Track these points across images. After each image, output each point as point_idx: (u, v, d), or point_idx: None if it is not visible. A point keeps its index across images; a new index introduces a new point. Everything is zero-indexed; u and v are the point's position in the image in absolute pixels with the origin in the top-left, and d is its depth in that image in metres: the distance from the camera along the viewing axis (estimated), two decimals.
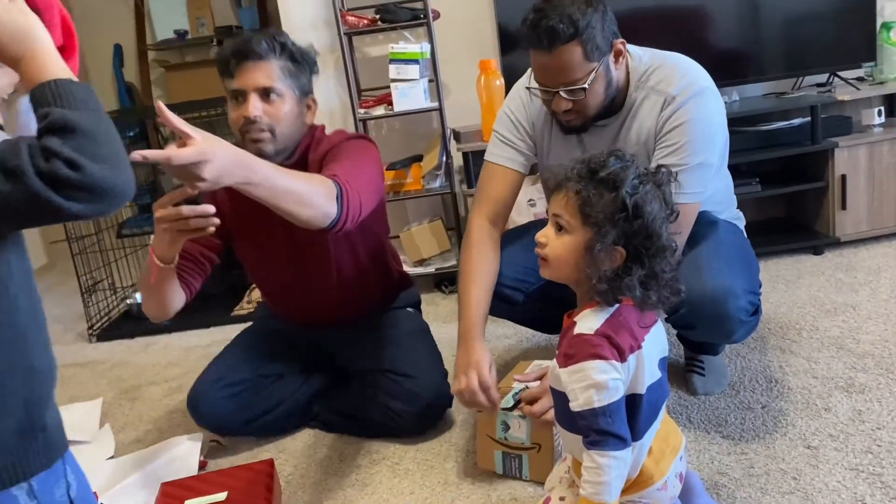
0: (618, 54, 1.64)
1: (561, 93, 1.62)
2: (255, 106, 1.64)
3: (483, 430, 1.64)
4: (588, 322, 1.18)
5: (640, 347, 1.18)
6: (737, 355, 2.07)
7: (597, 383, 1.13)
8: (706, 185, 1.66)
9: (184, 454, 1.87)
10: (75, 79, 0.90)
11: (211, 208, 1.46)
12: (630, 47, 1.71)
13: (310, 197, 1.44)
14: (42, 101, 0.87)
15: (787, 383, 1.89)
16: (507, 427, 1.60)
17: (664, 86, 1.66)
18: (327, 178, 1.51)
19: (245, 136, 1.67)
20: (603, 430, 1.14)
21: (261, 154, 1.60)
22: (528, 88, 1.74)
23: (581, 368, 1.15)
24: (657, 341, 1.26)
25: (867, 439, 1.61)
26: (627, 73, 1.70)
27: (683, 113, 1.63)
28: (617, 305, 1.20)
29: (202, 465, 1.86)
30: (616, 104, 1.70)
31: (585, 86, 1.59)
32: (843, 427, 1.66)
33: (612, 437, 1.13)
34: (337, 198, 1.49)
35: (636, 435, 1.19)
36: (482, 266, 1.75)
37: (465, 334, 1.65)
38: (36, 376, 0.92)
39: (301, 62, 1.70)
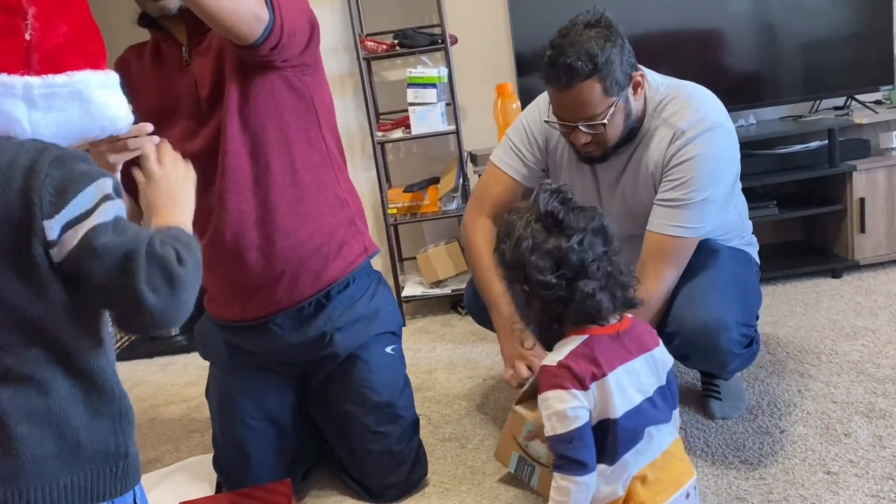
0: (636, 86, 1.64)
1: (581, 127, 1.62)
2: None
3: (510, 429, 1.63)
4: (555, 354, 1.25)
5: (603, 376, 1.21)
6: (755, 379, 2.06)
7: (557, 412, 1.21)
8: (707, 220, 1.66)
9: (201, 474, 1.89)
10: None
11: (149, 126, 1.27)
12: (649, 74, 1.71)
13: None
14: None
15: (805, 408, 1.88)
16: (533, 436, 1.59)
17: (676, 119, 1.65)
18: None
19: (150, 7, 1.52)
20: (564, 456, 1.21)
21: (165, 10, 1.50)
22: (546, 122, 1.74)
23: (545, 398, 1.22)
24: (646, 369, 1.28)
25: (888, 465, 1.59)
26: (645, 102, 1.70)
27: (691, 149, 1.62)
28: (586, 336, 1.25)
29: (219, 486, 1.87)
30: (636, 129, 1.71)
31: (605, 121, 1.59)
32: (864, 453, 1.65)
33: (573, 463, 1.20)
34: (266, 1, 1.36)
35: (611, 459, 1.23)
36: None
37: (507, 327, 1.70)
38: (124, 410, 0.99)
39: None
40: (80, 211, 0.88)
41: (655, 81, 1.71)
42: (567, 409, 1.19)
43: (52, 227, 0.87)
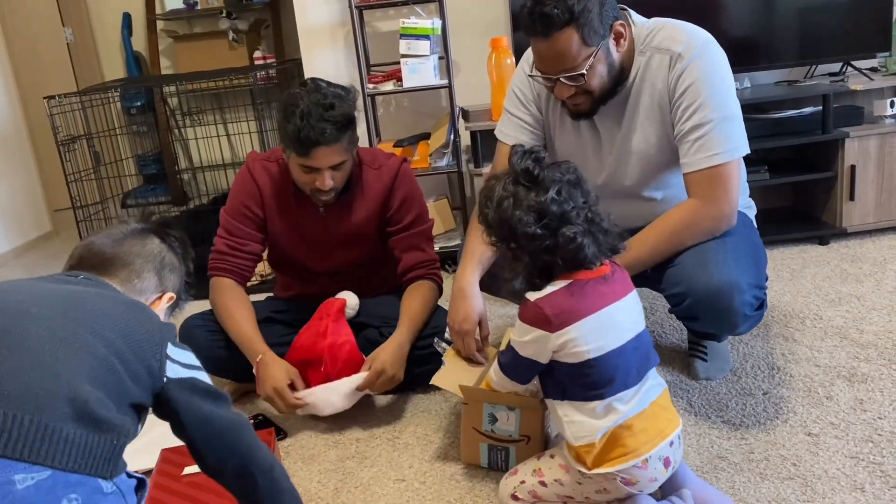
0: (618, 36, 1.64)
1: (562, 79, 1.62)
2: (329, 179, 1.84)
3: (468, 423, 1.57)
4: (537, 293, 1.30)
5: (582, 317, 1.27)
6: (739, 342, 2.07)
7: (519, 342, 1.34)
8: (737, 137, 1.64)
9: None
10: None
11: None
12: (635, 16, 1.72)
13: (433, 310, 1.98)
14: None
15: (789, 371, 1.89)
16: (494, 419, 1.54)
17: (668, 43, 1.67)
18: (427, 276, 1.99)
19: (313, 193, 1.89)
20: (506, 364, 1.41)
21: (325, 205, 1.94)
22: (530, 76, 1.74)
23: (519, 325, 1.34)
24: (634, 305, 1.34)
25: (868, 428, 1.61)
26: (632, 48, 1.69)
27: (693, 70, 1.63)
28: (570, 281, 1.29)
29: None
30: (622, 79, 1.70)
31: (584, 71, 1.59)
32: (845, 415, 1.66)
33: (506, 370, 1.42)
34: (438, 288, 2.02)
35: (585, 395, 1.29)
36: None
37: (459, 282, 1.70)
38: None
39: (354, 121, 1.85)
40: None
41: (640, 21, 1.73)
42: (526, 340, 1.31)
43: None
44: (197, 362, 1.15)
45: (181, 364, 1.11)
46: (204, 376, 1.14)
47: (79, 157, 3.16)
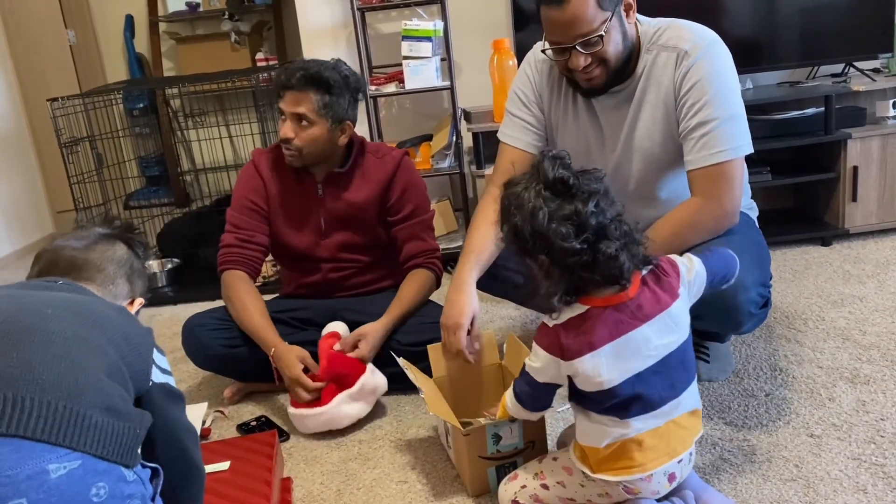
0: (628, 7, 1.65)
1: (577, 47, 1.60)
2: (288, 128, 1.96)
3: (472, 454, 1.51)
4: (559, 318, 1.26)
5: (591, 350, 1.22)
6: (742, 343, 2.07)
7: (533, 367, 1.33)
8: (741, 136, 1.64)
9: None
10: None
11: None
12: (639, 16, 1.72)
13: (427, 297, 2.07)
14: None
15: (791, 372, 1.89)
16: (498, 438, 1.51)
17: (675, 41, 1.67)
18: (425, 265, 2.06)
19: (282, 144, 2.00)
20: (521, 391, 1.38)
21: (291, 164, 2.02)
22: (543, 51, 1.73)
23: (535, 349, 1.31)
24: (657, 333, 1.25)
25: (871, 430, 1.61)
26: (638, 36, 1.69)
27: (699, 68, 1.63)
28: (586, 308, 1.24)
29: (205, 434, 1.87)
30: (629, 68, 1.70)
31: (602, 33, 1.58)
32: (847, 417, 1.66)
33: (520, 398, 1.39)
34: (436, 277, 2.10)
35: (622, 414, 1.26)
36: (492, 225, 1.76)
37: (456, 280, 1.69)
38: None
39: (338, 93, 1.95)
40: None
41: (645, 20, 1.73)
42: (540, 366, 1.30)
43: None
44: (169, 367, 1.20)
45: (161, 369, 1.16)
46: (173, 380, 1.19)
47: (81, 158, 3.17)
